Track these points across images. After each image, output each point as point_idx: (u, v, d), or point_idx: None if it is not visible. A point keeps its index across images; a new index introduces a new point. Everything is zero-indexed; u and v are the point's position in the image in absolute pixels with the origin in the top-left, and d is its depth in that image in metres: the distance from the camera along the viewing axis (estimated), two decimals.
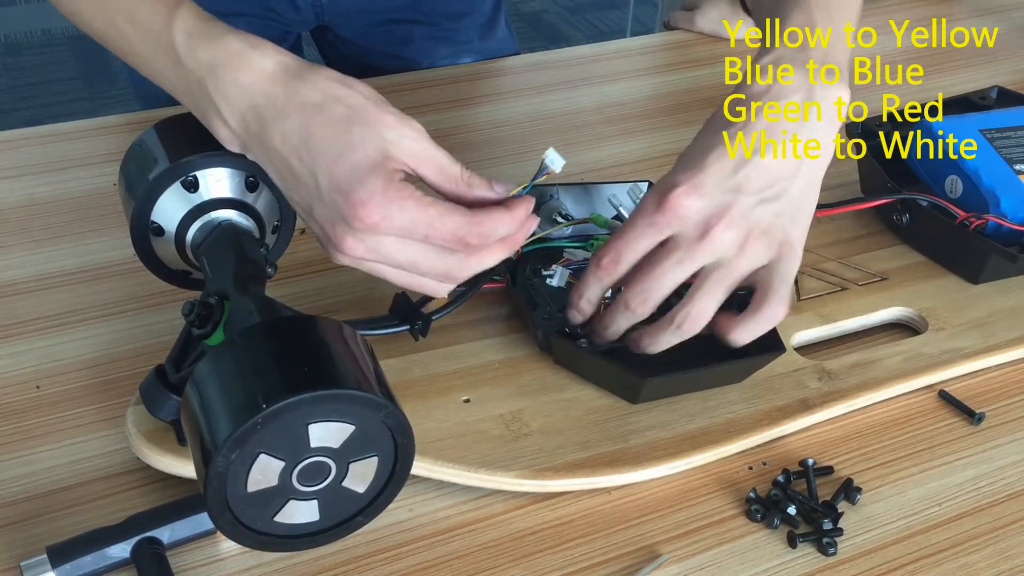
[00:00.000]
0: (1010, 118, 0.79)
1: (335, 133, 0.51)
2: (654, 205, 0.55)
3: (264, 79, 0.52)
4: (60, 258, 0.74)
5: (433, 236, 0.51)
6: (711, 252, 0.55)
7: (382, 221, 0.50)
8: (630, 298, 0.57)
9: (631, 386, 0.61)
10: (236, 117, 0.52)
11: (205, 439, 0.45)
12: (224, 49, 0.52)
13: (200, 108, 0.54)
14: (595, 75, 1.02)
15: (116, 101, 2.54)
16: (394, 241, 0.52)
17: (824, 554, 0.56)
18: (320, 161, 0.51)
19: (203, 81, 0.52)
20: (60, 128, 0.89)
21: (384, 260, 0.52)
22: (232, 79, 0.52)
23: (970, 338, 0.69)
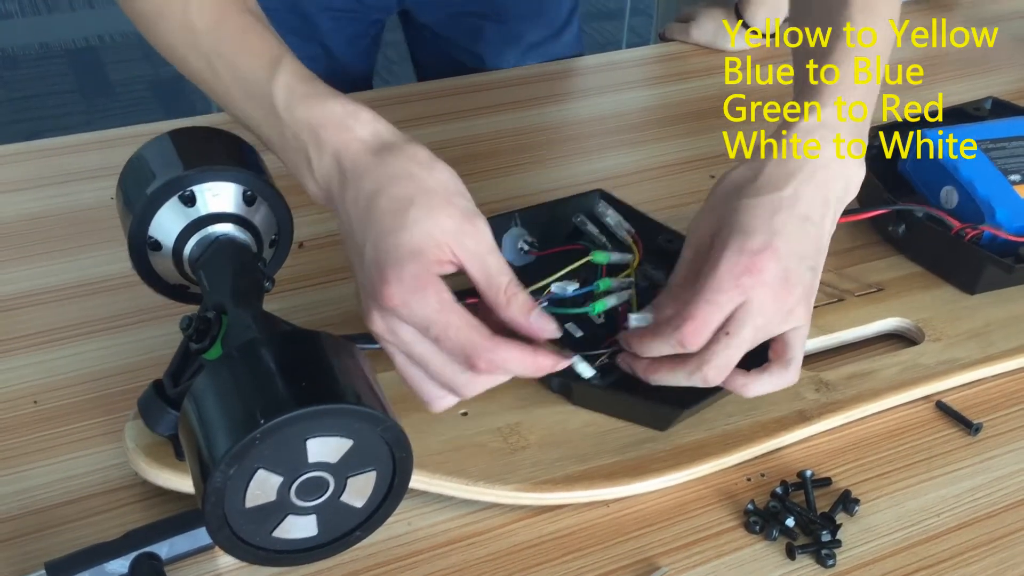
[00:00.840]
0: (1005, 129, 0.80)
1: (395, 209, 0.51)
2: (742, 267, 0.53)
3: (357, 146, 0.53)
4: (57, 272, 0.74)
5: (443, 342, 0.51)
6: (776, 315, 0.54)
7: (401, 307, 0.50)
8: (711, 374, 0.55)
9: (664, 418, 0.61)
10: (323, 175, 0.53)
11: (203, 454, 0.45)
12: (325, 112, 0.53)
13: (292, 159, 0.55)
14: (590, 86, 1.02)
15: (113, 114, 2.55)
16: (411, 332, 0.51)
17: (823, 566, 0.56)
18: (372, 231, 0.51)
19: (299, 137, 0.53)
20: (57, 142, 0.89)
21: (399, 346, 0.52)
22: (327, 141, 0.53)
23: (967, 348, 0.69)
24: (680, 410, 0.61)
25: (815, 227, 0.56)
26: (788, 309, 0.55)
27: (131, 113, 2.55)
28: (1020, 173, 0.76)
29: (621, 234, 0.68)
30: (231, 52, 0.56)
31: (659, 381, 0.57)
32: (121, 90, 2.67)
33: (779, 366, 0.57)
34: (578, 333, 0.65)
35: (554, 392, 0.64)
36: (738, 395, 0.58)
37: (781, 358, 0.57)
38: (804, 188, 0.56)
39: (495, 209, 0.70)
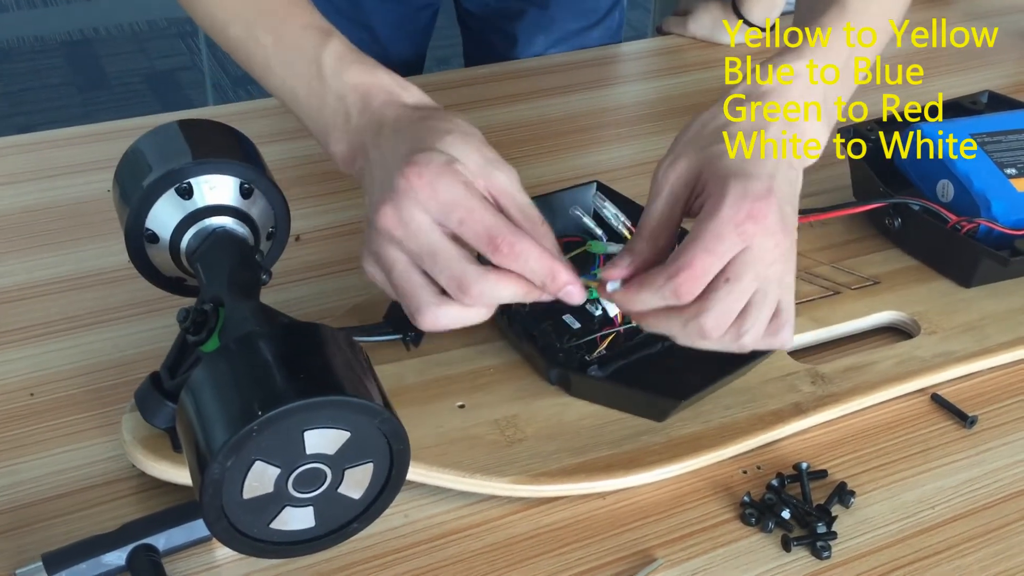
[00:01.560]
0: (1001, 122, 0.80)
1: (433, 132, 0.53)
2: (745, 214, 0.50)
3: (399, 105, 0.56)
4: (53, 265, 0.74)
5: (467, 222, 0.50)
6: (779, 265, 0.52)
7: (426, 187, 0.50)
8: (709, 325, 0.51)
9: (661, 408, 0.61)
10: (359, 130, 0.56)
11: (201, 446, 0.45)
12: (375, 79, 0.56)
13: (324, 119, 0.57)
14: (587, 79, 1.02)
15: (108, 107, 2.54)
16: (426, 220, 0.50)
17: (818, 558, 0.56)
18: (404, 146, 0.52)
19: (343, 99, 0.56)
20: (52, 135, 0.89)
21: (406, 239, 0.50)
22: (373, 103, 0.56)
23: (962, 341, 0.69)
24: (677, 401, 0.61)
25: (795, 173, 0.54)
26: (784, 254, 0.52)
27: (126, 106, 2.54)
28: (1016, 166, 0.76)
29: (618, 226, 0.68)
30: (279, 21, 0.59)
31: (653, 327, 0.53)
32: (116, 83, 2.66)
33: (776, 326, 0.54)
34: (575, 325, 0.65)
35: (552, 384, 0.64)
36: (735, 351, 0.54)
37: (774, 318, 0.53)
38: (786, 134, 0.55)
39: None
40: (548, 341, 0.64)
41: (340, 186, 0.82)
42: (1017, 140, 0.78)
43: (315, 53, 0.57)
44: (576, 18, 1.09)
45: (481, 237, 0.50)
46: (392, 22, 1.06)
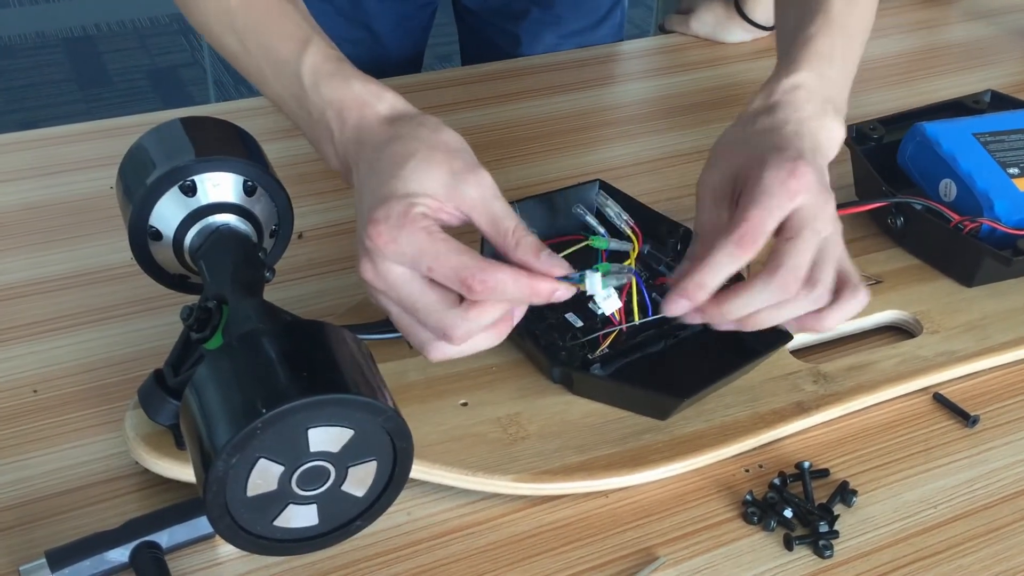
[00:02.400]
0: (1004, 122, 0.80)
1: (396, 162, 0.53)
2: (786, 172, 0.53)
3: (375, 119, 0.56)
4: (56, 262, 0.74)
5: (436, 270, 0.50)
6: (830, 220, 0.55)
7: (389, 244, 0.50)
8: (785, 279, 0.53)
9: (664, 407, 0.62)
10: (343, 146, 0.57)
11: (204, 443, 0.45)
12: (347, 92, 0.56)
13: (316, 134, 0.58)
14: (589, 78, 1.02)
15: (110, 104, 2.54)
16: (401, 272, 0.51)
17: (820, 556, 0.57)
18: (372, 182, 0.53)
19: (324, 114, 0.57)
20: (55, 132, 0.89)
21: (389, 291, 0.52)
22: (349, 117, 0.56)
23: (964, 341, 0.69)
24: (680, 399, 0.61)
25: (822, 157, 0.58)
26: (831, 216, 0.55)
27: (128, 103, 2.54)
28: (1019, 166, 0.76)
29: (621, 224, 0.68)
30: (263, 32, 0.59)
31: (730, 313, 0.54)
32: (118, 79, 2.66)
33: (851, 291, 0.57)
34: (578, 323, 0.65)
35: (555, 382, 0.64)
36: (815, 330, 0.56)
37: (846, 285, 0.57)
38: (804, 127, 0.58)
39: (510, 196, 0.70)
40: (550, 340, 0.64)
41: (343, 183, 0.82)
42: (1020, 140, 0.78)
43: (295, 67, 0.58)
44: (578, 17, 1.09)
45: (452, 281, 0.51)
46: (392, 21, 1.06)
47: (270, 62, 0.59)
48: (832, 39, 0.62)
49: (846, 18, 0.64)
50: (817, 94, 0.60)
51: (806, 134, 0.58)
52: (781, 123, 0.58)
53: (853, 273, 0.57)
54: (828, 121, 0.59)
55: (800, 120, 0.58)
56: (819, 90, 0.60)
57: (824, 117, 0.59)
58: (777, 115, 0.58)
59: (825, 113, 0.59)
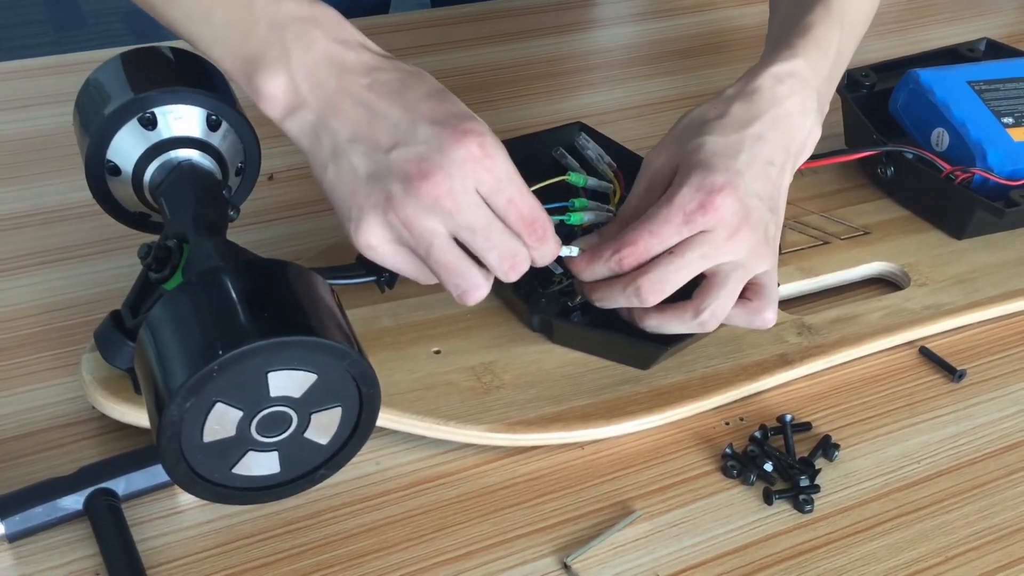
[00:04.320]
0: (999, 70, 0.78)
1: (432, 90, 0.50)
2: (696, 204, 0.53)
3: (357, 45, 0.50)
4: (15, 199, 0.72)
5: (515, 202, 0.50)
6: (735, 252, 0.54)
7: (487, 158, 0.48)
8: (645, 287, 0.54)
9: (646, 356, 0.60)
10: (306, 70, 0.49)
11: (159, 386, 0.43)
12: (318, 9, 0.50)
13: (253, 56, 0.49)
14: (573, 21, 0.99)
15: (85, 46, 2.48)
16: (474, 196, 0.48)
17: (800, 511, 0.55)
18: (419, 102, 0.49)
19: (280, 28, 0.49)
20: (15, 65, 0.85)
21: (456, 212, 0.48)
22: (319, 38, 0.49)
23: (952, 294, 0.68)
24: (663, 348, 0.59)
25: (776, 170, 0.56)
26: (750, 248, 0.55)
27: (103, 45, 2.48)
28: (1013, 115, 0.74)
29: (602, 167, 0.66)
30: None
31: (600, 301, 0.57)
32: (94, 22, 2.60)
33: (757, 307, 0.57)
34: (558, 269, 0.63)
35: (534, 330, 0.62)
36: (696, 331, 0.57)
37: (754, 299, 0.57)
38: (769, 132, 0.56)
39: None
40: (531, 287, 0.62)
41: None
42: (1015, 88, 0.76)
43: None
44: None
45: (525, 219, 0.50)
46: None
47: None
48: (831, 31, 0.60)
49: (846, 9, 0.61)
50: (806, 87, 0.58)
51: (779, 133, 0.56)
52: (751, 118, 0.56)
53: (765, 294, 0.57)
54: (809, 122, 0.58)
55: (777, 117, 0.56)
56: (810, 83, 0.58)
57: (806, 116, 0.58)
58: (753, 105, 0.56)
59: (807, 112, 0.58)
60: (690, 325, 0.56)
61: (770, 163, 0.56)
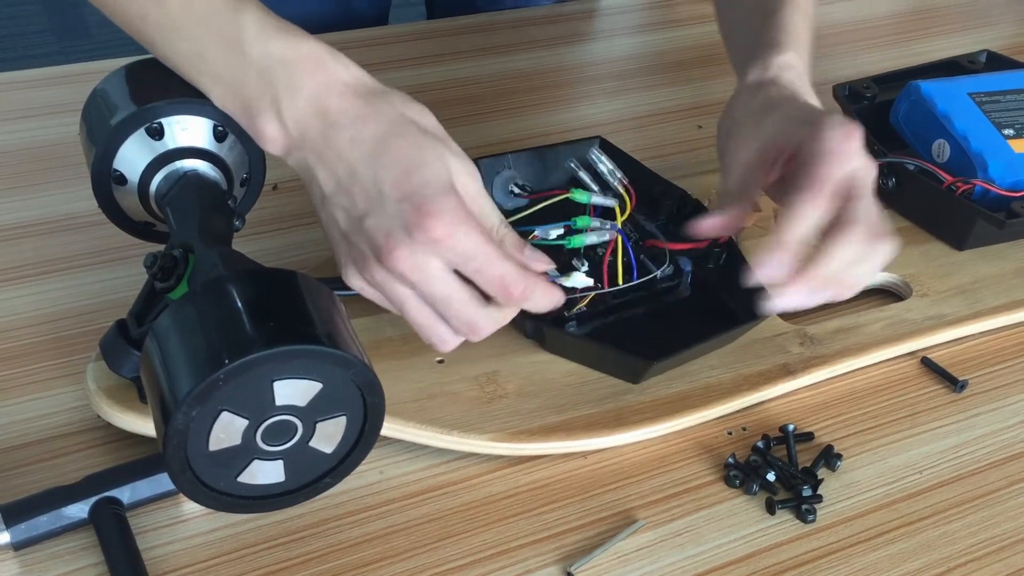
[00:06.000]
0: (1000, 82, 0.78)
1: (410, 147, 0.50)
2: (845, 134, 0.54)
3: (340, 88, 0.50)
4: (20, 209, 0.72)
5: (483, 272, 0.50)
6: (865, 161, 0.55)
7: (447, 238, 0.48)
8: (866, 231, 0.53)
9: (635, 369, 0.60)
10: (296, 116, 0.50)
11: (165, 395, 0.43)
12: (302, 49, 0.50)
13: (248, 98, 0.51)
14: (577, 33, 1.00)
15: (88, 55, 2.49)
16: (441, 267, 0.50)
17: (803, 521, 0.55)
18: (391, 171, 0.49)
19: (269, 73, 0.50)
20: (21, 75, 0.86)
21: (420, 284, 0.50)
22: (306, 80, 0.50)
23: (954, 305, 0.68)
24: (651, 362, 0.59)
25: None
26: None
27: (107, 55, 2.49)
28: (1014, 127, 0.74)
29: (614, 182, 0.66)
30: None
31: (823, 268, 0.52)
32: (97, 31, 2.61)
33: None
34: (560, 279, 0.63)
35: (528, 337, 0.62)
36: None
37: None
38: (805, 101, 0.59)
39: (482, 152, 0.68)
40: None
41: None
42: (1016, 100, 0.76)
43: (233, 23, 0.50)
44: None
45: (495, 286, 0.51)
46: None
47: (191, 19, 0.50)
48: (798, 20, 0.63)
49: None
50: (803, 75, 0.61)
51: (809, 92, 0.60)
52: (791, 95, 0.59)
53: None
54: (814, 100, 0.60)
55: (799, 95, 0.59)
56: (804, 71, 0.61)
57: (811, 97, 0.60)
58: (783, 88, 0.59)
59: (810, 93, 0.60)
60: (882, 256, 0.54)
61: None
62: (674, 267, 0.64)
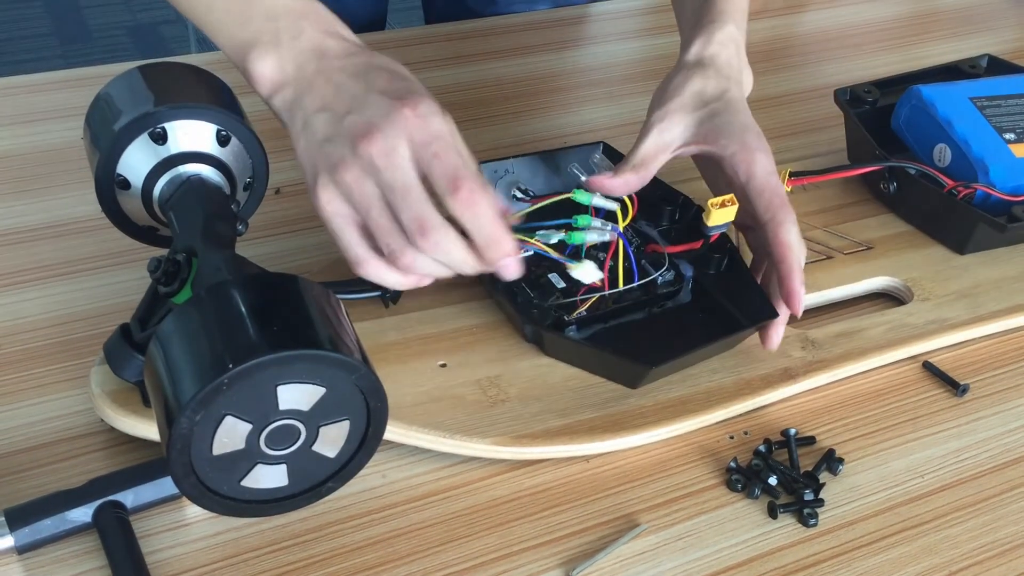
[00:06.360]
0: (1001, 86, 0.78)
1: (393, 72, 0.54)
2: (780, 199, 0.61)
3: (338, 37, 0.55)
4: (24, 213, 0.72)
5: (441, 157, 0.51)
6: None
7: (418, 119, 0.51)
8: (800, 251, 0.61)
9: (633, 374, 0.60)
10: (293, 55, 0.54)
11: (169, 399, 0.43)
12: (312, 6, 0.55)
13: (245, 37, 0.54)
14: (579, 36, 1.00)
15: (89, 59, 2.49)
16: (408, 155, 0.51)
17: (805, 525, 0.55)
18: (378, 79, 0.53)
19: (275, 19, 0.54)
20: (26, 80, 0.86)
21: (386, 171, 0.50)
22: (307, 30, 0.54)
23: (955, 309, 0.68)
24: (649, 367, 0.59)
25: None
26: None
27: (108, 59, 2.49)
28: (1015, 131, 0.75)
29: None
30: None
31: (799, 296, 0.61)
32: (99, 35, 2.61)
33: None
34: (560, 284, 0.63)
35: (528, 341, 0.62)
36: None
37: None
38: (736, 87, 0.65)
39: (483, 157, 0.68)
40: (526, 298, 0.62)
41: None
42: (1017, 105, 0.76)
43: None
44: None
45: (448, 174, 0.51)
46: None
47: None
48: None
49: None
50: (740, 46, 0.66)
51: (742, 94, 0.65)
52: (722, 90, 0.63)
53: None
54: (747, 73, 0.67)
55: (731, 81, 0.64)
56: (741, 41, 0.66)
57: (744, 70, 0.66)
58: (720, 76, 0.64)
59: (744, 65, 0.66)
60: None
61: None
62: (675, 273, 0.65)
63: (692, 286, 0.65)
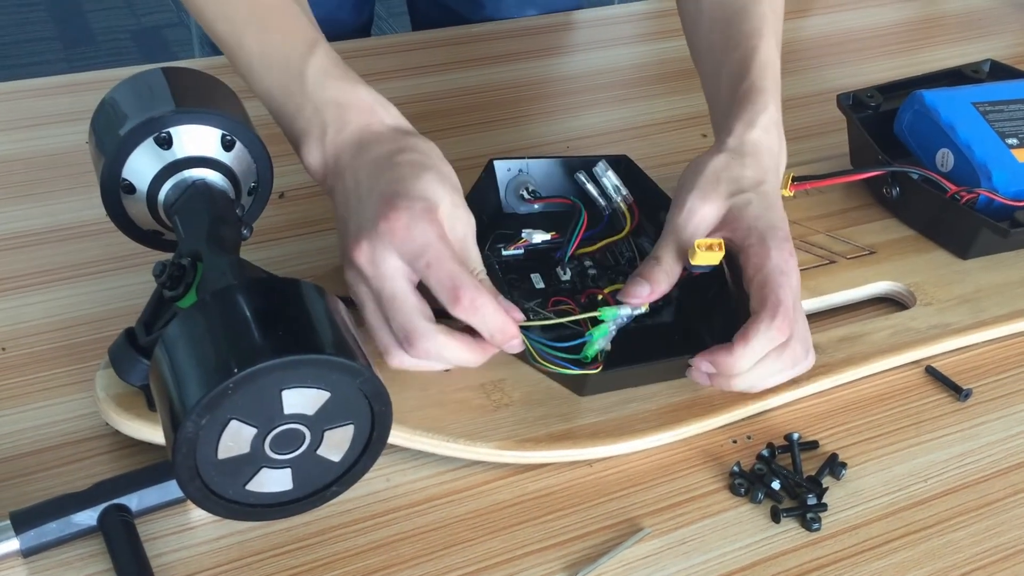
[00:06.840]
0: (1004, 91, 0.78)
1: (410, 168, 0.54)
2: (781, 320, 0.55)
3: (380, 127, 0.57)
4: (29, 217, 0.72)
5: (434, 267, 0.51)
6: None
7: (403, 230, 0.51)
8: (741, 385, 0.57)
9: (576, 379, 0.59)
10: (336, 147, 0.56)
11: (174, 404, 0.43)
12: (356, 95, 0.57)
13: (300, 128, 0.57)
14: (581, 41, 1.00)
15: (93, 63, 2.50)
16: (396, 265, 0.52)
17: (808, 529, 0.55)
18: (385, 178, 0.54)
19: (321, 112, 0.57)
20: (30, 84, 0.86)
21: (374, 279, 0.52)
22: (352, 121, 0.57)
23: (958, 313, 0.68)
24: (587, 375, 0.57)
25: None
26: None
27: (112, 63, 2.50)
28: (1017, 136, 0.75)
29: (617, 199, 0.67)
30: (266, 26, 0.58)
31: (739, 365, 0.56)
32: (103, 39, 2.62)
33: None
34: (539, 284, 0.63)
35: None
36: None
37: None
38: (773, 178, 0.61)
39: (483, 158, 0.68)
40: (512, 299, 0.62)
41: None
42: (1019, 109, 0.77)
43: (299, 65, 0.57)
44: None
45: (444, 285, 0.52)
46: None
47: (267, 59, 0.58)
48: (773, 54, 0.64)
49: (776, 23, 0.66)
50: (780, 126, 0.63)
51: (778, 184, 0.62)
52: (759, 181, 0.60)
53: None
54: (783, 157, 0.63)
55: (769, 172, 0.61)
56: (780, 120, 0.63)
57: (782, 154, 0.63)
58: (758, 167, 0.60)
59: (783, 149, 0.63)
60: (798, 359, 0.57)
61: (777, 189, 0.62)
62: None
63: (676, 308, 0.64)
